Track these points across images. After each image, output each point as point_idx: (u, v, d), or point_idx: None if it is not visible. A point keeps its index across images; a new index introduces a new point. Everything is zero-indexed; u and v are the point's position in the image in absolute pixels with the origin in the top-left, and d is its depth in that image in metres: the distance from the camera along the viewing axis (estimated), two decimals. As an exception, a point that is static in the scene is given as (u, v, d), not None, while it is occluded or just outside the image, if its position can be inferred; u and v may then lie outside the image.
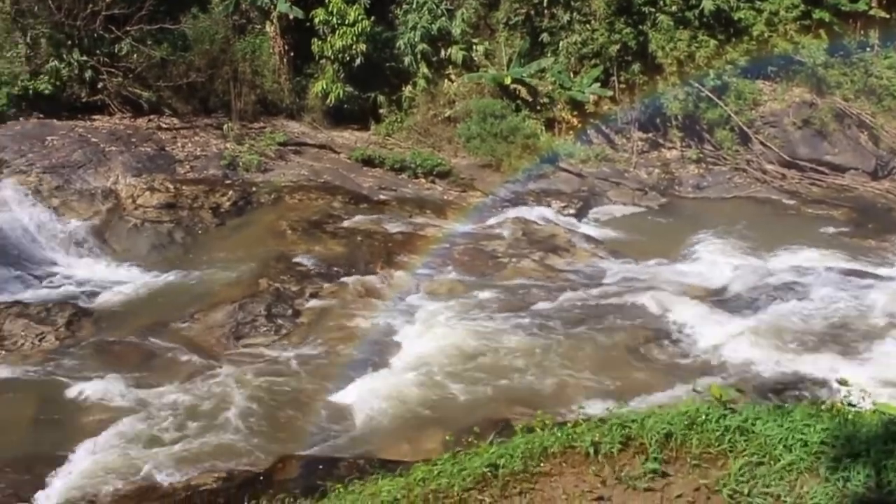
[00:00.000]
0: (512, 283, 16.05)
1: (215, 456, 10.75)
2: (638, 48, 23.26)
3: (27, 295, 14.93)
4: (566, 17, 23.55)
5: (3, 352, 13.21)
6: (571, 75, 23.66)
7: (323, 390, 12.35)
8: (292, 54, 23.02)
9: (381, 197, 19.82)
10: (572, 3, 23.49)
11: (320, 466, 10.13)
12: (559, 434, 4.89)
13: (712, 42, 22.99)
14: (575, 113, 23.52)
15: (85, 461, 10.53)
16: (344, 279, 15.45)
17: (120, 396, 12.00)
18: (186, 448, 10.90)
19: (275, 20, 22.76)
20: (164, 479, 10.21)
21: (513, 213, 19.85)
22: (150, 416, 11.52)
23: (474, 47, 23.84)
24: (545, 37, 23.90)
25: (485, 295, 15.41)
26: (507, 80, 23.07)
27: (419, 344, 13.55)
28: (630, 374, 13.05)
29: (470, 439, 6.05)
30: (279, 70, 22.92)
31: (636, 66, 23.31)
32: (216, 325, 13.73)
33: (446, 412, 11.92)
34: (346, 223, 17.85)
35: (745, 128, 22.90)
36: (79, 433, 11.18)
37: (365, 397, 12.17)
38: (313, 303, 14.61)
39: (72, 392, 12.13)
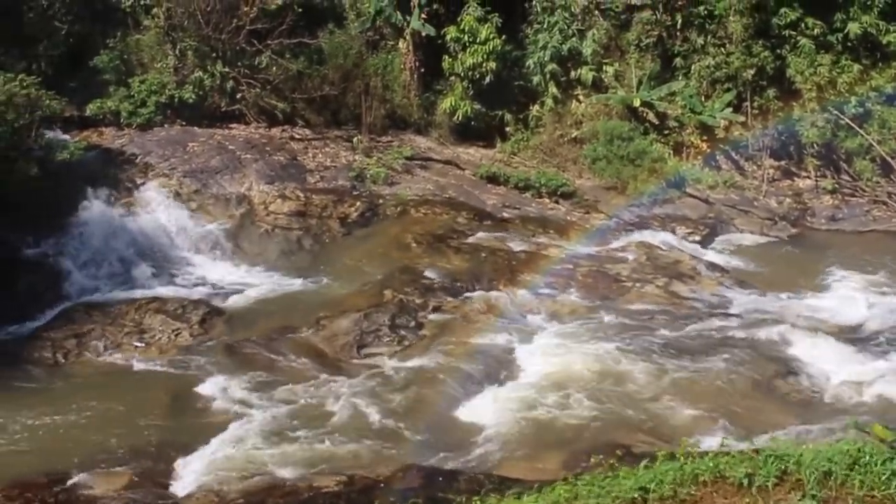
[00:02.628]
0: (635, 308, 15.78)
1: (337, 459, 10.96)
2: (774, 72, 22.55)
3: (165, 292, 15.69)
4: (700, 41, 23.10)
5: (143, 344, 13.90)
6: (702, 99, 23.14)
7: (443, 404, 12.42)
8: (423, 71, 23.39)
9: (505, 215, 19.85)
10: (707, 26, 23.02)
11: (440, 479, 10.19)
12: (710, 463, 4.75)
13: (856, 67, 22.05)
14: (704, 138, 22.97)
15: (214, 453, 10.93)
16: (467, 294, 15.54)
17: (247, 395, 12.43)
18: (309, 449, 11.15)
19: (407, 37, 23.22)
20: (287, 477, 10.46)
21: (637, 236, 19.54)
22: (276, 415, 11.85)
23: (604, 68, 23.63)
24: (677, 60, 23.49)
25: (607, 318, 15.20)
26: (636, 103, 22.77)
27: (540, 364, 13.46)
28: (757, 409, 12.56)
29: (592, 463, 5.98)
30: (409, 86, 23.34)
31: (771, 91, 22.60)
32: (341, 333, 14.02)
33: (565, 434, 11.79)
34: (470, 239, 17.97)
35: (888, 158, 21.81)
36: (208, 426, 11.63)
37: (484, 414, 12.18)
38: (436, 316, 14.73)
39: (203, 387, 12.66)
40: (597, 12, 23.81)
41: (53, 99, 17.95)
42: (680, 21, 23.36)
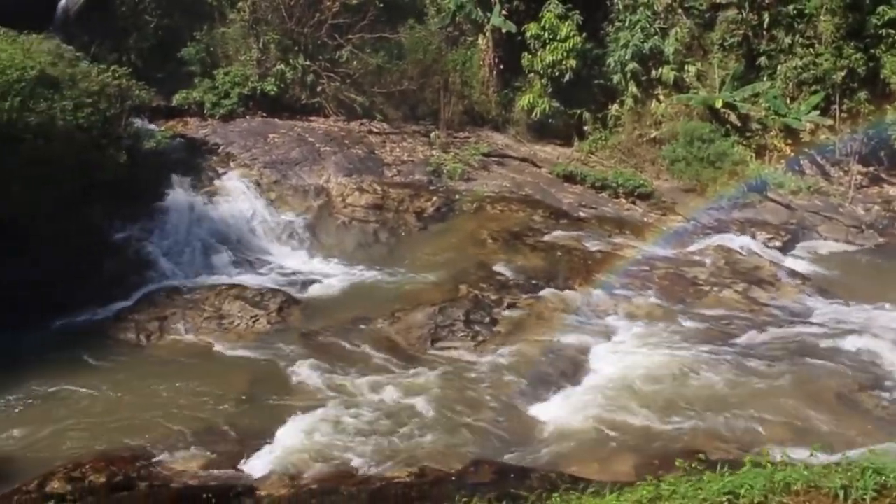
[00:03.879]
0: (712, 313, 15.49)
1: (408, 451, 11.02)
2: (867, 74, 21.83)
3: (244, 279, 16.02)
4: (787, 40, 22.53)
5: (222, 329, 14.23)
6: (788, 101, 22.56)
7: (516, 400, 12.39)
8: (502, 67, 23.37)
9: (581, 214, 19.71)
10: (796, 26, 22.45)
11: (511, 475, 10.15)
12: (804, 472, 4.63)
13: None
14: (788, 141, 22.42)
15: (288, 439, 11.08)
16: (542, 292, 15.48)
17: (322, 383, 12.60)
18: (381, 440, 11.24)
19: (487, 33, 23.22)
20: (359, 466, 10.57)
21: (715, 240, 19.17)
22: (349, 405, 11.98)
23: (686, 68, 23.25)
24: (762, 60, 22.95)
25: (684, 322, 14.95)
26: (718, 104, 22.33)
27: (614, 365, 13.31)
28: (840, 421, 12.16)
29: (676, 465, 5.87)
30: (488, 82, 23.34)
31: (862, 94, 21.91)
32: (416, 326, 14.11)
33: (637, 437, 11.63)
34: (545, 237, 17.90)
35: None
36: (283, 412, 11.80)
37: (557, 412, 12.12)
38: (510, 313, 14.71)
39: (279, 373, 12.89)
40: (680, 11, 23.42)
41: (142, 89, 18.51)
42: (767, 20, 22.82)
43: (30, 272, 14.23)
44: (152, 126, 19.41)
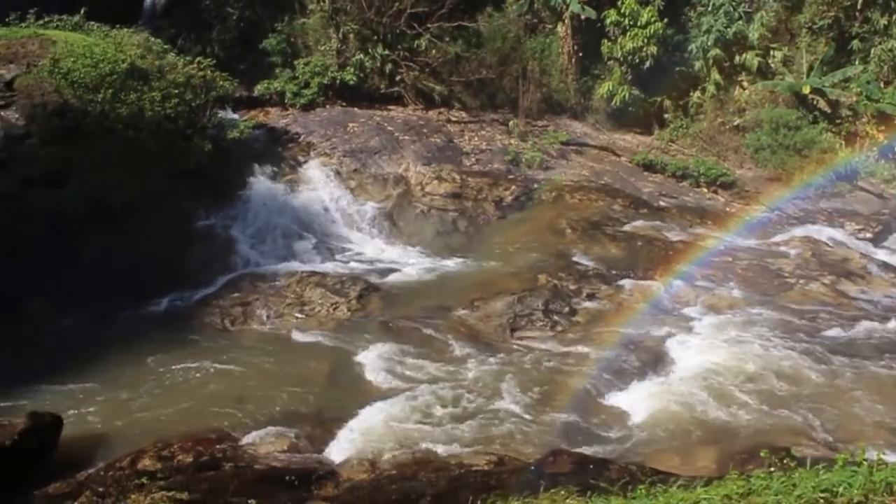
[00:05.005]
0: (798, 306, 15.06)
1: (487, 439, 11.03)
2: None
3: (325, 266, 16.26)
4: (883, 21, 21.65)
5: (303, 315, 14.47)
6: (881, 86, 21.69)
7: (594, 391, 12.29)
8: (581, 55, 23.10)
9: (662, 203, 19.39)
10: (892, 6, 21.50)
11: (590, 466, 10.07)
12: (908, 472, 4.46)
13: None
14: (882, 128, 21.55)
15: (368, 424, 11.21)
16: (621, 283, 15.31)
17: (402, 370, 12.71)
18: (459, 427, 11.28)
19: (566, 20, 22.96)
20: (438, 452, 10.62)
21: (801, 231, 18.64)
22: (427, 392, 12.03)
23: (771, 53, 22.60)
24: (855, 43, 22.11)
25: (768, 315, 14.58)
26: (806, 90, 21.63)
27: (695, 357, 13.07)
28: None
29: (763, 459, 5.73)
30: (566, 70, 23.10)
31: (964, 79, 20.96)
32: (494, 315, 14.11)
33: (719, 431, 11.41)
34: (625, 227, 17.67)
35: None
36: (363, 397, 11.96)
37: (636, 403, 11.98)
38: (589, 303, 14.60)
39: (359, 360, 13.04)
40: (766, -7, 22.77)
41: (226, 80, 18.89)
42: (860, 0, 21.92)
43: (121, 257, 14.73)
44: (235, 116, 19.87)
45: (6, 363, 12.39)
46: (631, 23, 21.73)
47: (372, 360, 13.01)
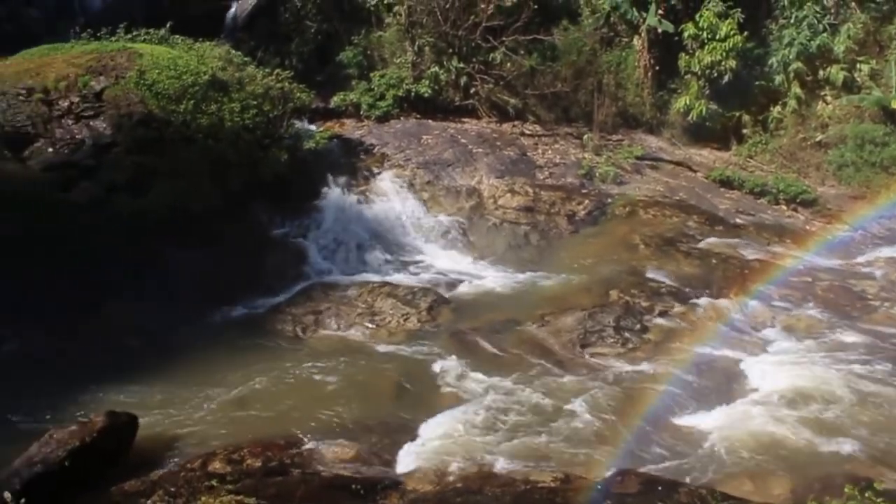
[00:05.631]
0: (883, 330, 14.45)
1: (554, 455, 10.90)
2: None
3: (396, 277, 16.37)
4: (978, 35, 20.80)
5: (374, 326, 14.59)
6: (976, 102, 20.85)
7: (665, 410, 12.02)
8: (657, 68, 22.81)
9: (738, 220, 18.96)
10: None
11: (659, 487, 9.85)
12: None
13: None
14: (975, 146, 20.68)
15: (434, 436, 11.19)
16: (695, 301, 14.98)
17: (471, 383, 12.65)
18: (527, 442, 11.18)
19: (643, 33, 22.71)
20: (503, 467, 10.52)
21: (887, 252, 17.95)
22: (495, 406, 11.96)
23: (858, 66, 21.88)
24: (952, 54, 21.30)
25: (849, 338, 14.05)
26: (895, 105, 20.89)
27: (772, 379, 12.67)
28: None
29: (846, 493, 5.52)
30: (642, 84, 22.84)
31: None
32: (565, 330, 13.98)
33: (794, 457, 11.02)
34: (700, 244, 17.31)
35: None
36: (431, 409, 11.94)
37: (708, 425, 11.66)
38: (662, 321, 14.32)
39: (429, 371, 13.05)
40: (853, 4, 22.05)
41: (303, 92, 19.30)
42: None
43: (199, 263, 15.14)
44: (311, 127, 20.23)
45: (87, 363, 12.84)
46: (709, 36, 21.35)
47: (441, 371, 13.02)
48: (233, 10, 22.53)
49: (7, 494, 5.18)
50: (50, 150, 15.01)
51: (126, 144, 15.45)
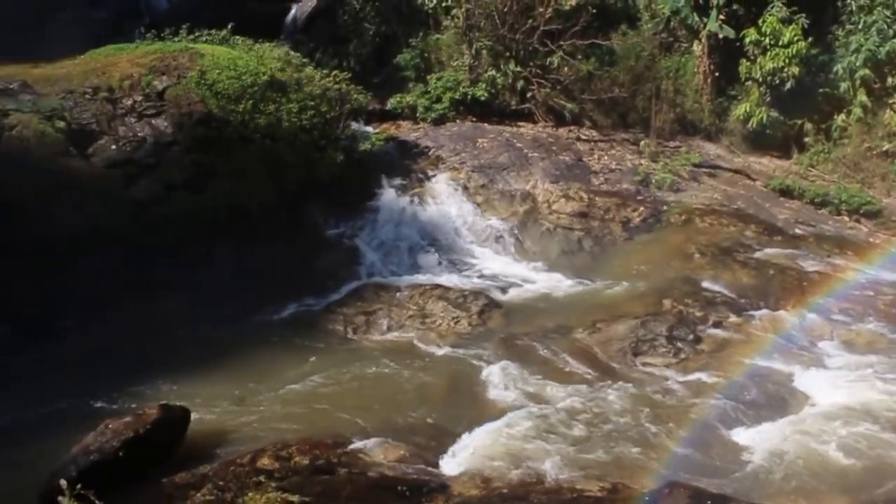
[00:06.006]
0: (951, 348, 14.05)
1: (601, 465, 10.80)
2: None
3: (448, 280, 16.33)
4: None
5: (425, 328, 14.61)
6: None
7: (716, 422, 11.80)
8: (717, 74, 22.41)
9: (798, 231, 18.52)
10: None
11: (708, 501, 9.67)
12: None
13: None
14: None
15: (481, 440, 11.15)
16: (750, 312, 14.69)
17: (518, 388, 12.60)
18: (574, 450, 11.08)
19: (703, 39, 22.33)
20: (550, 475, 10.46)
21: (955, 265, 17.39)
22: (543, 412, 11.88)
23: (929, 74, 21.23)
24: None
25: (913, 355, 13.68)
26: (966, 115, 20.25)
27: (829, 395, 12.35)
28: None
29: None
30: (701, 90, 22.48)
31: None
32: (616, 338, 13.83)
33: (850, 477, 10.71)
34: (757, 254, 16.93)
35: None
36: (479, 413, 11.94)
37: (761, 439, 11.41)
38: (716, 331, 14.06)
39: (478, 375, 13.03)
40: (926, 9, 21.39)
41: (360, 93, 19.45)
42: None
43: (253, 261, 15.38)
44: (368, 128, 20.38)
45: (143, 356, 13.16)
46: (772, 42, 20.90)
47: (489, 376, 12.99)
48: (293, 11, 22.84)
49: (63, 481, 5.33)
50: (113, 147, 15.38)
51: (186, 143, 15.77)
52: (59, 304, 13.81)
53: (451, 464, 10.78)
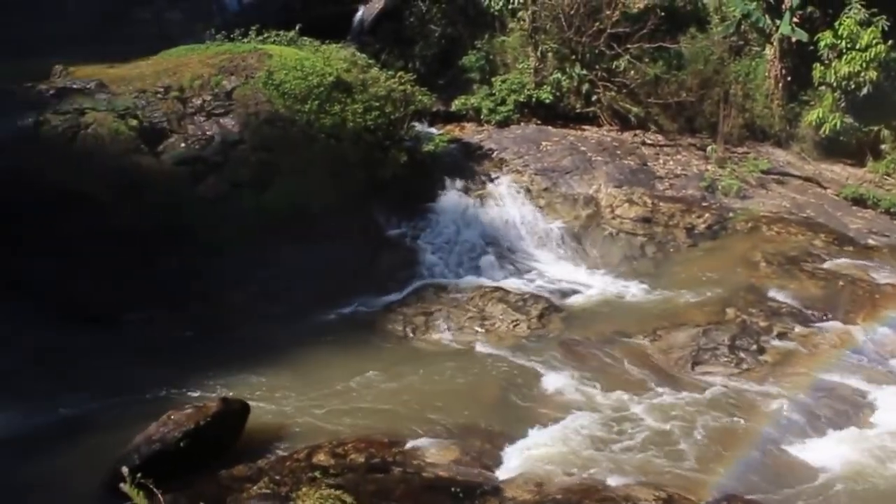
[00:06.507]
0: None
1: (657, 473, 10.68)
2: None
3: (508, 283, 16.29)
4: None
5: (484, 331, 14.61)
6: None
7: (778, 436, 11.56)
8: (789, 79, 21.85)
9: (870, 241, 17.93)
10: None
11: (767, 516, 9.54)
12: None
13: None
14: None
15: (538, 445, 11.16)
16: (818, 324, 14.30)
17: (575, 393, 12.54)
18: (629, 458, 11.00)
19: (775, 42, 21.81)
20: (605, 482, 10.38)
21: None
22: (600, 418, 11.83)
23: None
24: None
25: None
26: None
27: (898, 414, 12.00)
28: None
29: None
30: (772, 95, 21.94)
31: None
32: (676, 346, 13.61)
33: (920, 498, 10.40)
34: (826, 264, 16.45)
35: None
36: (535, 417, 11.92)
37: (825, 454, 11.13)
38: (780, 343, 13.72)
39: (534, 379, 13.01)
40: None
41: (424, 95, 19.49)
42: None
43: (316, 259, 15.56)
44: (432, 130, 20.42)
45: (205, 350, 13.48)
46: (848, 45, 20.27)
47: (547, 380, 12.95)
48: (360, 13, 23.04)
49: (125, 469, 5.44)
50: (182, 145, 15.74)
51: (252, 142, 16.05)
52: (127, 297, 14.22)
53: (506, 467, 10.78)
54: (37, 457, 10.48)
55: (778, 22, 21.37)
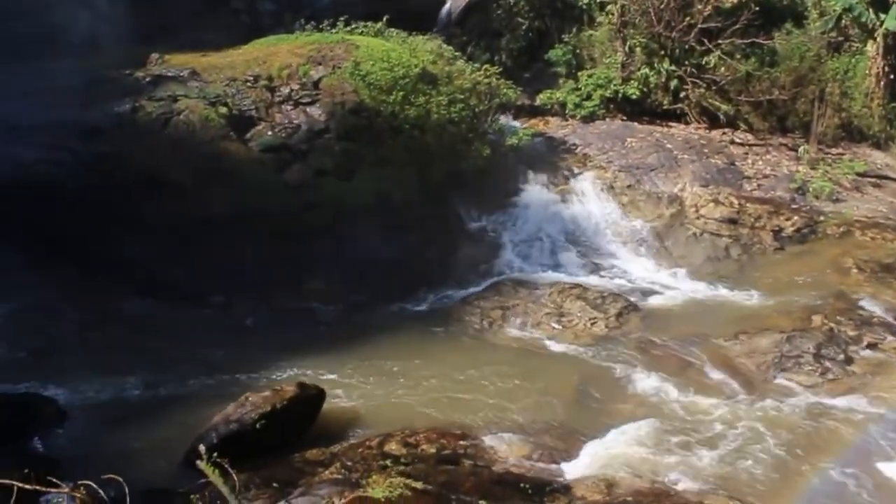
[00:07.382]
0: None
1: (731, 481, 10.37)
2: None
3: (587, 280, 16.15)
4: None
5: (560, 327, 14.49)
6: None
7: (865, 451, 11.06)
8: (892, 77, 21.00)
9: (973, 251, 17.10)
10: None
11: (842, 531, 9.19)
12: None
13: None
14: None
15: (609, 445, 10.97)
16: (913, 336, 13.74)
17: (652, 395, 12.32)
18: (703, 464, 10.72)
19: (878, 38, 20.97)
20: (676, 487, 10.16)
21: None
22: (676, 422, 11.59)
23: None
24: None
25: None
26: None
27: None
28: None
29: None
30: (872, 94, 21.11)
31: None
32: (758, 352, 13.22)
33: None
34: (923, 273, 15.80)
35: None
36: (608, 417, 11.76)
37: (916, 475, 10.69)
38: (870, 354, 13.16)
39: (610, 378, 12.84)
40: None
41: (510, 88, 19.48)
42: None
43: (396, 250, 15.72)
44: (515, 123, 20.37)
45: (284, 334, 13.76)
46: (958, 44, 19.40)
47: (623, 380, 12.77)
48: (447, 5, 23.11)
49: (202, 447, 5.63)
50: (269, 133, 16.11)
51: (337, 131, 16.30)
52: (212, 280, 14.63)
53: (577, 466, 10.65)
54: (125, 427, 10.89)
55: (882, 16, 20.53)
